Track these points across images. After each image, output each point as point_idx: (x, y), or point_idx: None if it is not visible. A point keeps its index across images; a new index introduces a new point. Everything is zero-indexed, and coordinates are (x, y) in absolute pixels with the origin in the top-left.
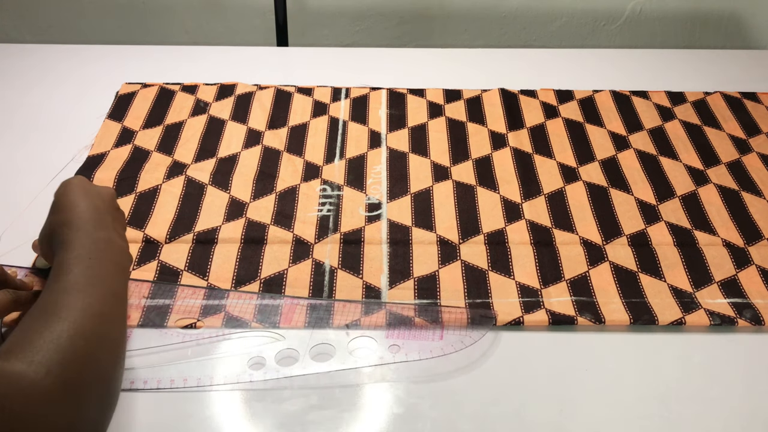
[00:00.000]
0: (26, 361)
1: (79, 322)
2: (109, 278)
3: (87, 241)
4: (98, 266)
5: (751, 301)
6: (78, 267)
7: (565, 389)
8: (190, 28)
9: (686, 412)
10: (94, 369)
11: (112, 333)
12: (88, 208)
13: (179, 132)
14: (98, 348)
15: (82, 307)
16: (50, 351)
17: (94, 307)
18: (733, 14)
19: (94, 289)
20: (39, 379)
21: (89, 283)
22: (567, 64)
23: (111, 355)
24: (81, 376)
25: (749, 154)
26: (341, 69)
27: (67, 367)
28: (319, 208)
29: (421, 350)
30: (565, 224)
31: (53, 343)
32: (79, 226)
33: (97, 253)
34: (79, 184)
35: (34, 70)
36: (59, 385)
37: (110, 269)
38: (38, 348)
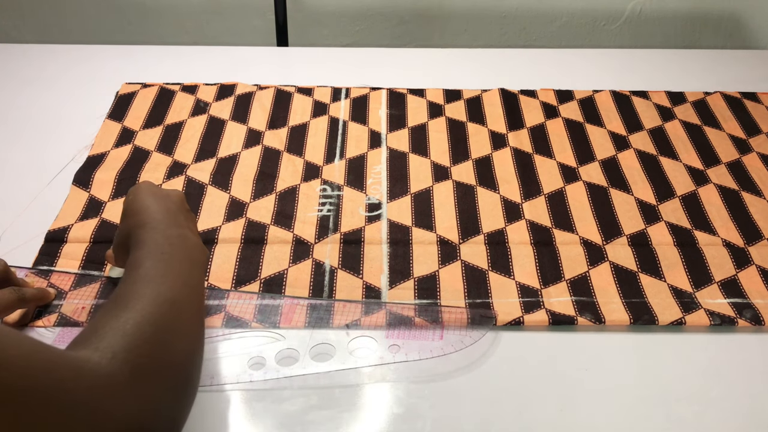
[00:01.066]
0: (91, 348)
1: (147, 309)
2: (182, 270)
3: (159, 238)
4: (170, 259)
5: (751, 301)
6: (149, 260)
7: (565, 389)
8: (190, 28)
9: (686, 412)
10: (164, 356)
11: (185, 322)
12: (160, 208)
13: (179, 132)
14: (169, 335)
15: (150, 295)
16: (116, 337)
17: (163, 295)
18: (733, 14)
19: (164, 279)
20: (104, 363)
21: (160, 273)
22: (567, 64)
23: (184, 343)
24: (150, 362)
25: (749, 154)
26: (341, 69)
27: (134, 352)
28: (319, 208)
29: (421, 350)
30: (565, 224)
31: (119, 330)
32: (152, 226)
33: (169, 248)
34: (148, 187)
35: (34, 70)
36: (126, 370)
37: (183, 262)
38: (103, 335)
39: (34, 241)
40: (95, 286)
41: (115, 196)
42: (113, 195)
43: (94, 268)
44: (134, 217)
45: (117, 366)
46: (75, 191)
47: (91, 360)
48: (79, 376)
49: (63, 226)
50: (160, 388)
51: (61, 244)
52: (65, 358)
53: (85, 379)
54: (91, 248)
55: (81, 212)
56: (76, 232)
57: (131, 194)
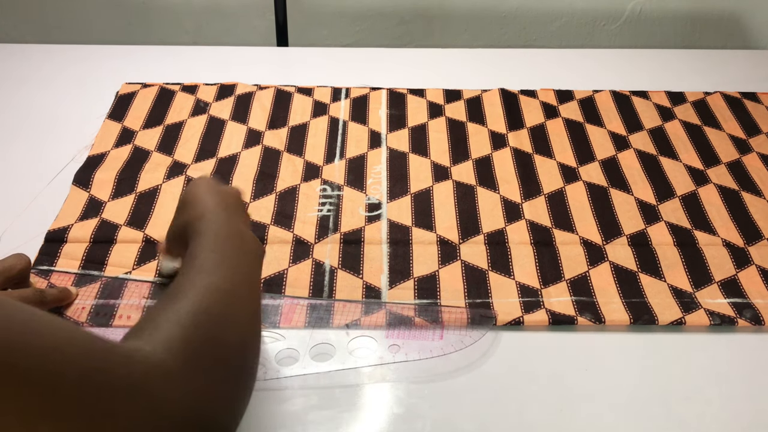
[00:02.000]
0: (145, 338)
1: (202, 299)
2: (237, 262)
3: (217, 229)
4: (226, 251)
5: (751, 301)
6: (205, 252)
7: (565, 389)
8: (190, 28)
9: (686, 412)
10: (219, 346)
11: (241, 312)
12: (218, 203)
13: (179, 132)
14: (224, 325)
15: (205, 285)
16: (170, 327)
17: (218, 286)
18: (733, 14)
19: (220, 270)
20: (159, 353)
21: (215, 264)
22: (567, 64)
23: (239, 334)
24: (203, 351)
25: (749, 154)
26: (341, 69)
27: (189, 341)
28: (319, 208)
29: (421, 350)
30: (565, 224)
31: (174, 320)
32: (210, 218)
33: (227, 240)
34: (207, 182)
35: (34, 70)
36: (180, 358)
37: (239, 254)
38: (158, 325)
39: (34, 241)
40: (95, 286)
41: (115, 196)
42: (113, 195)
43: (94, 268)
44: (192, 210)
45: (171, 354)
46: (75, 191)
47: (144, 349)
48: (132, 362)
49: (63, 226)
50: (215, 377)
51: (61, 244)
52: (117, 348)
53: (138, 366)
54: (91, 248)
55: (81, 212)
56: (76, 232)
57: (191, 186)
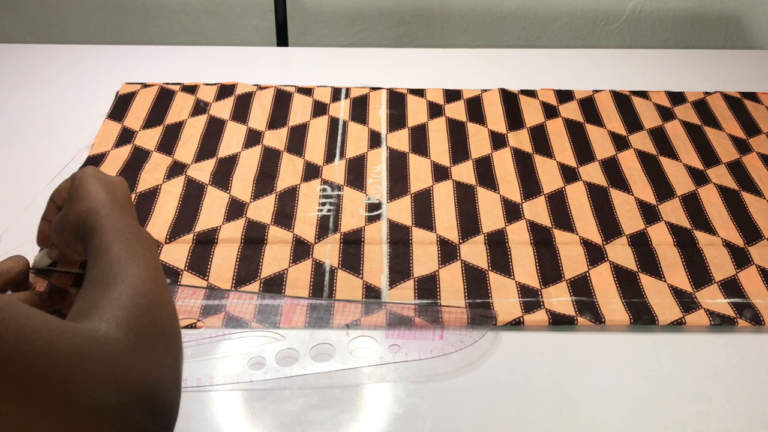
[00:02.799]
0: (96, 319)
1: (135, 284)
2: (146, 253)
3: (119, 225)
4: (135, 244)
5: (751, 301)
6: (117, 245)
7: (565, 389)
8: (190, 28)
9: (686, 412)
10: (158, 323)
11: (165, 297)
12: (108, 196)
13: (179, 132)
14: (157, 306)
15: (133, 273)
16: (115, 309)
17: (144, 274)
18: (733, 14)
19: (138, 260)
20: (112, 331)
21: (132, 255)
22: (567, 64)
23: (169, 313)
24: (148, 329)
25: (749, 154)
26: (341, 69)
27: (134, 320)
28: (319, 208)
29: (421, 350)
30: (565, 224)
31: (116, 302)
32: (106, 213)
33: (130, 234)
34: (93, 174)
35: (34, 70)
36: (132, 336)
37: (144, 246)
38: (103, 308)
39: (35, 241)
40: None
41: None
42: None
43: None
44: (84, 203)
45: (123, 333)
46: None
47: (101, 329)
48: (95, 343)
49: None
50: (161, 351)
51: None
52: (81, 329)
53: (101, 347)
54: None
55: None
56: None
57: (77, 179)
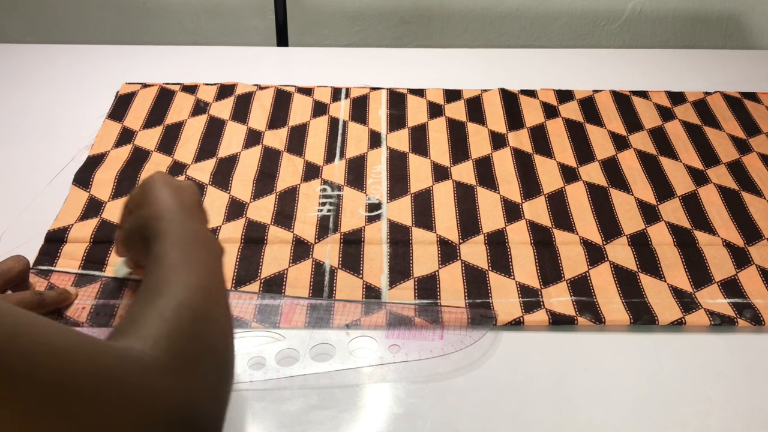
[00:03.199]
0: (132, 336)
1: (181, 295)
2: (206, 260)
3: (180, 230)
4: (194, 251)
5: (751, 301)
6: (174, 251)
7: (565, 389)
8: (190, 28)
9: (686, 412)
10: (202, 340)
11: (216, 308)
12: (175, 201)
13: (179, 132)
14: (204, 320)
15: (183, 282)
16: (155, 324)
17: (194, 283)
18: (733, 14)
19: (192, 267)
20: (147, 350)
21: (188, 262)
22: (567, 64)
23: (218, 328)
24: (189, 347)
25: (749, 154)
26: (341, 69)
27: (174, 337)
28: (319, 208)
29: (421, 350)
30: (565, 224)
31: (157, 317)
32: (170, 218)
33: (192, 239)
34: (162, 179)
35: (34, 70)
36: (169, 355)
37: (205, 253)
38: (143, 324)
39: (34, 241)
40: (95, 286)
41: (115, 196)
42: (113, 195)
43: (94, 268)
44: (150, 208)
45: (160, 352)
46: (75, 191)
47: (135, 348)
48: (125, 364)
49: (63, 226)
50: (203, 371)
51: (61, 244)
52: (111, 349)
53: (132, 367)
54: (91, 248)
55: (81, 212)
56: (76, 232)
57: (146, 185)
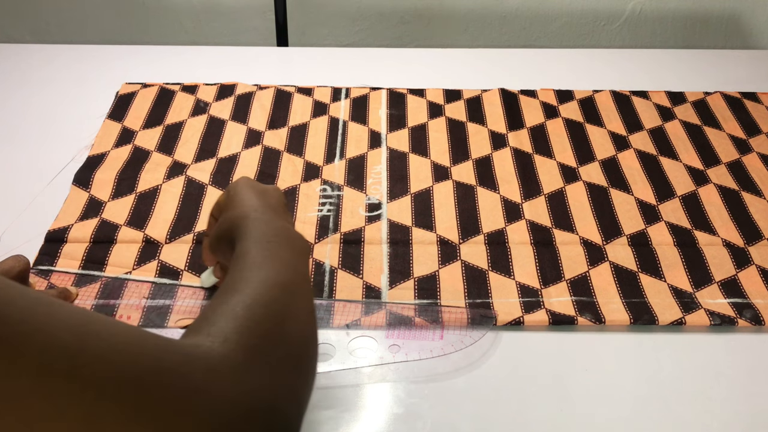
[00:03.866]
0: (202, 334)
1: (256, 291)
2: (289, 257)
3: (265, 227)
4: (276, 247)
5: (751, 301)
6: (256, 248)
7: (565, 389)
8: (190, 28)
9: (686, 412)
10: (277, 337)
11: (296, 303)
12: (260, 201)
13: (179, 132)
14: (280, 317)
15: (259, 278)
16: (226, 321)
17: (272, 279)
18: (733, 14)
19: (272, 263)
20: (216, 347)
21: (267, 259)
22: (567, 64)
23: (296, 325)
24: (262, 343)
25: (749, 154)
26: (341, 69)
27: (245, 333)
28: (319, 208)
29: (421, 350)
30: (565, 224)
31: (230, 313)
32: (255, 217)
33: (275, 237)
34: (247, 182)
35: (34, 70)
36: (240, 351)
37: (288, 250)
38: (214, 321)
39: (34, 241)
40: (95, 286)
41: (115, 196)
42: (113, 195)
43: (94, 268)
44: (236, 209)
45: (230, 348)
46: (75, 191)
47: (203, 345)
48: (191, 360)
49: (63, 226)
50: (277, 369)
51: (61, 244)
52: (176, 345)
53: (197, 363)
54: (91, 248)
55: (81, 212)
56: (76, 232)
57: (231, 189)
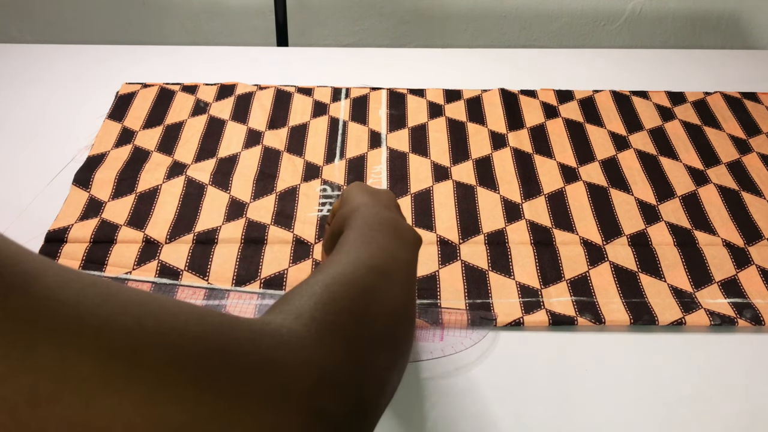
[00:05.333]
0: (276, 312)
1: (340, 270)
2: (388, 243)
3: (370, 218)
4: (377, 234)
5: (751, 301)
6: (355, 234)
7: (565, 389)
8: (190, 28)
9: (686, 412)
10: (359, 314)
11: (387, 285)
12: (372, 199)
13: (179, 132)
14: (365, 294)
15: (347, 260)
16: (302, 298)
17: (362, 260)
18: (733, 14)
19: (366, 247)
20: (288, 323)
21: (364, 243)
22: (567, 64)
23: (388, 308)
24: (340, 319)
25: (749, 154)
26: (341, 69)
27: (321, 310)
28: (319, 208)
29: (420, 352)
30: (565, 224)
31: (307, 291)
32: (362, 210)
33: (378, 225)
34: (359, 184)
35: (34, 70)
36: (313, 327)
37: (390, 238)
38: (290, 299)
39: (34, 241)
40: None
41: (115, 196)
42: (113, 195)
43: (94, 268)
44: (346, 207)
45: (301, 324)
46: (75, 191)
47: (274, 322)
48: (258, 337)
49: (63, 226)
50: (356, 346)
51: (61, 244)
52: (243, 323)
53: (265, 339)
54: (91, 248)
55: (81, 212)
56: (76, 232)
57: (345, 192)
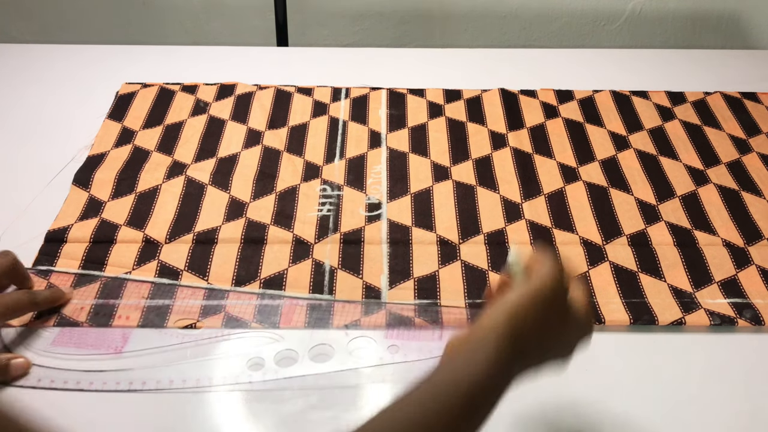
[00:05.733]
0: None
1: (523, 302)
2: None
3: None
4: None
5: (751, 301)
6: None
7: (566, 389)
8: (190, 28)
9: (686, 412)
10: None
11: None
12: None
13: (179, 132)
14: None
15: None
16: (497, 316)
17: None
18: (733, 14)
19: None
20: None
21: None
22: (567, 64)
23: None
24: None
25: (749, 154)
26: (341, 69)
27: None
28: (319, 208)
29: (420, 350)
30: (565, 224)
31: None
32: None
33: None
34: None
35: (34, 70)
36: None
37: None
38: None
39: (34, 241)
40: (95, 286)
41: (115, 196)
42: (113, 195)
43: (93, 268)
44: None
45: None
46: (75, 191)
47: None
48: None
49: (63, 226)
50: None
51: (61, 244)
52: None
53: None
54: (90, 248)
55: (81, 212)
56: (76, 232)
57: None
